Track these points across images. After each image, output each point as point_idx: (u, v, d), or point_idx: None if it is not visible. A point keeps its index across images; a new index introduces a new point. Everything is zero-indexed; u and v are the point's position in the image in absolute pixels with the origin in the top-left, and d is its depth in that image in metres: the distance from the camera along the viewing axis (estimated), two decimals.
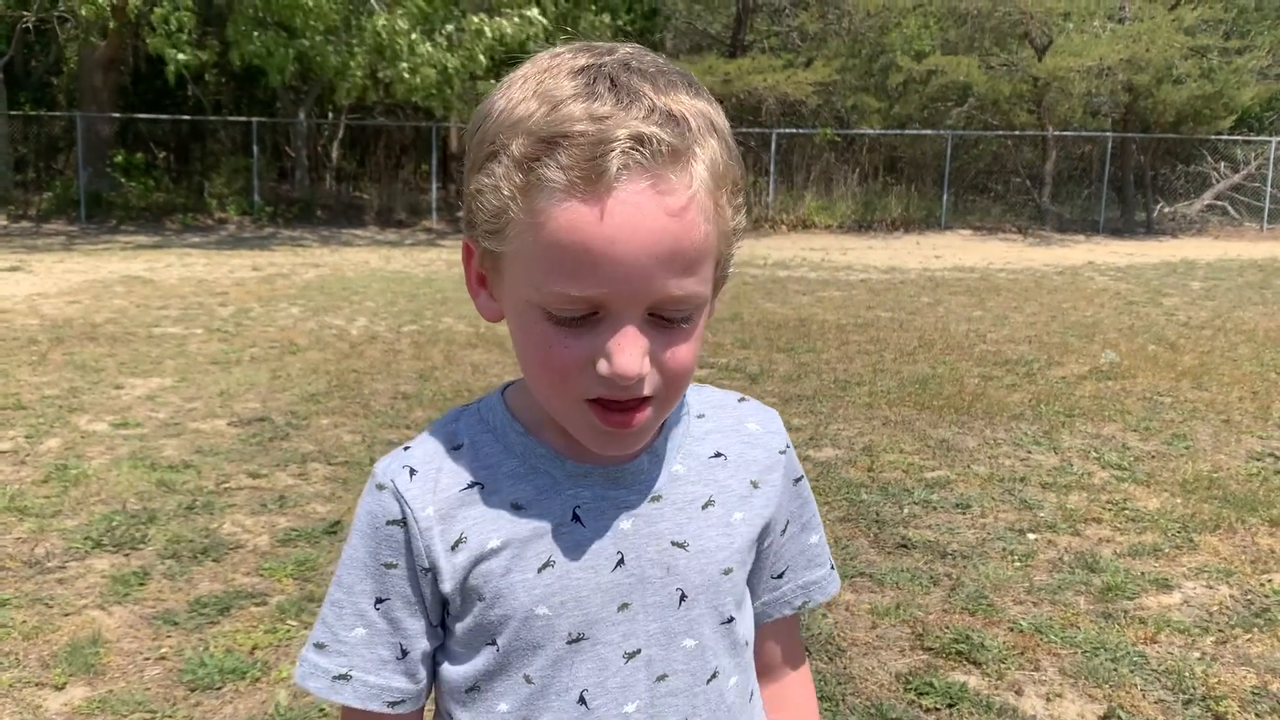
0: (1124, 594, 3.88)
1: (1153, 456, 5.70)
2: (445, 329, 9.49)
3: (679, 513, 0.98)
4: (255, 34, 17.86)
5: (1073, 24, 23.32)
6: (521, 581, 0.93)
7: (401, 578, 0.95)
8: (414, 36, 18.00)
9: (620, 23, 23.16)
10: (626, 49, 0.87)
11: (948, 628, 3.58)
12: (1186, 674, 3.28)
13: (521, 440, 0.97)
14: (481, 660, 0.96)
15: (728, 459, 1.03)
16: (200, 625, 3.56)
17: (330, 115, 24.83)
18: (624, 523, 0.96)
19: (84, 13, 17.14)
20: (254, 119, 22.58)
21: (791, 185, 23.77)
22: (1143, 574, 4.07)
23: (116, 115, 21.79)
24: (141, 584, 3.86)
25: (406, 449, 0.99)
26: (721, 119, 0.87)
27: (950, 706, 3.09)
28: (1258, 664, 3.38)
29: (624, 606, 0.96)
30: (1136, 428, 6.28)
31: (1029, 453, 5.75)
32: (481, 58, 18.87)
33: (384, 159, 25.06)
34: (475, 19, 18.79)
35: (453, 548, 0.94)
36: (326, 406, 6.49)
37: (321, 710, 3.05)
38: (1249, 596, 3.90)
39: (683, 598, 0.98)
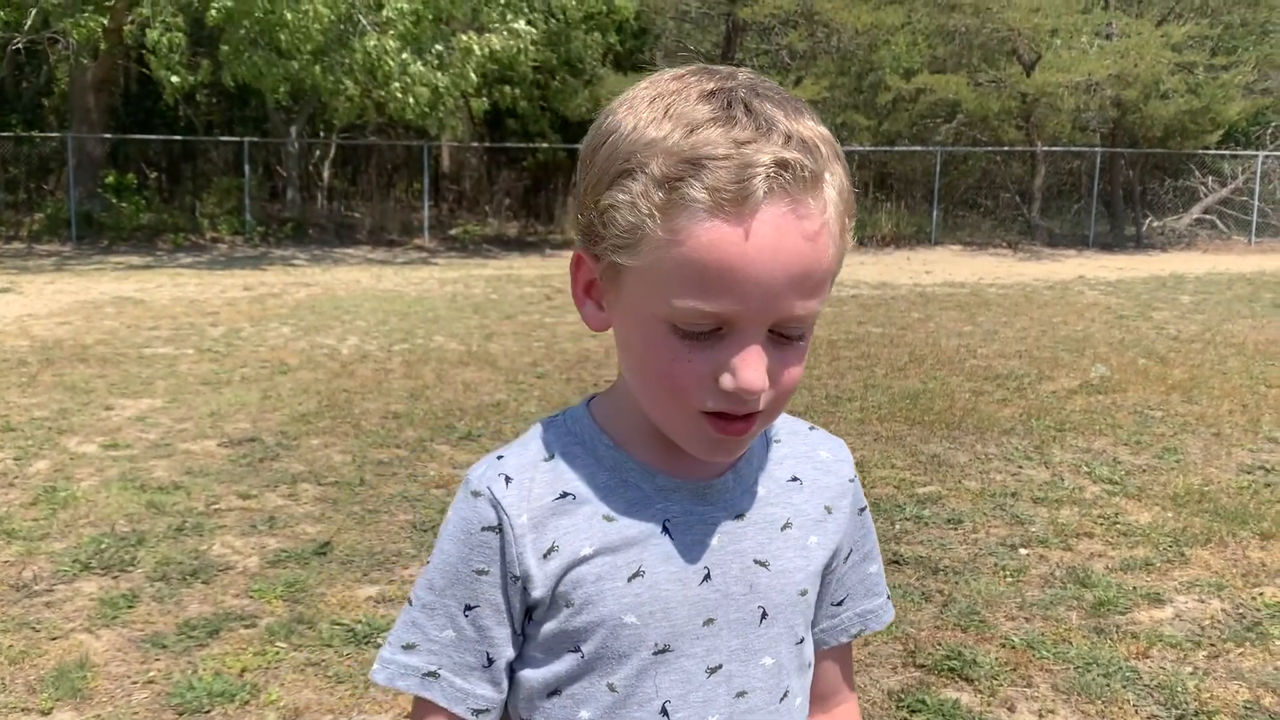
0: (1116, 609, 3.88)
1: (1144, 470, 5.71)
2: (436, 347, 9.49)
3: (761, 532, 1.01)
4: (247, 54, 17.90)
5: (1060, 40, 23.45)
6: (612, 589, 0.95)
7: (493, 585, 0.96)
8: (405, 56, 18.05)
9: (611, 41, 23.25)
10: (746, 73, 0.90)
11: (940, 644, 3.58)
12: (1179, 689, 3.28)
13: (611, 453, 0.99)
14: (562, 666, 0.98)
15: (803, 484, 1.06)
16: (189, 648, 3.54)
17: (322, 134, 24.86)
18: (711, 538, 0.99)
19: (75, 36, 17.16)
20: (245, 139, 22.59)
21: None
22: (1134, 588, 4.07)
23: (108, 136, 21.80)
24: (130, 607, 3.84)
25: (500, 457, 1.00)
26: (839, 145, 0.91)
27: None
28: (1250, 678, 3.37)
29: (709, 621, 0.98)
30: (1127, 441, 6.30)
31: (1020, 467, 5.75)
32: (473, 75, 18.92)
33: (376, 178, 25.10)
34: (464, 37, 18.84)
35: (545, 556, 0.95)
36: (317, 426, 6.47)
37: None
38: (1240, 610, 3.90)
39: (764, 616, 1.01)
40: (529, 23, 19.41)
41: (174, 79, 17.62)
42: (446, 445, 6.10)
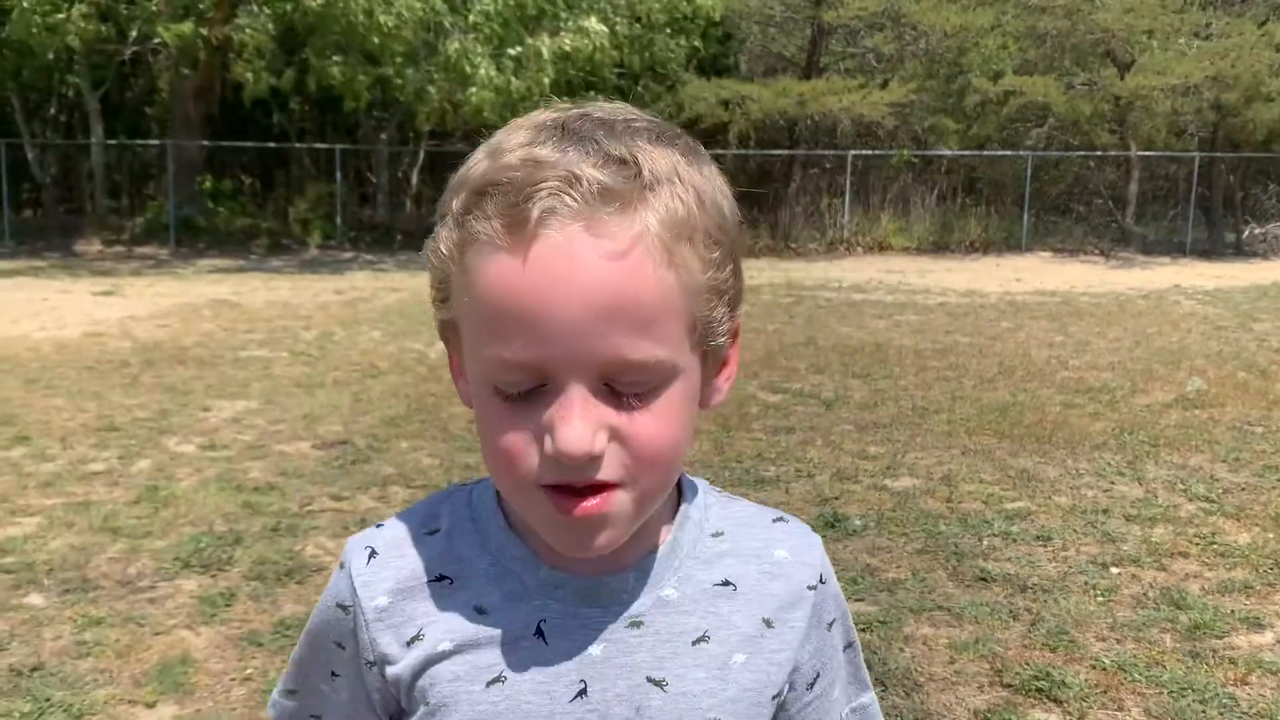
0: (1212, 632, 3.78)
1: (1243, 489, 5.54)
2: None
3: (662, 645, 0.85)
4: (334, 58, 18.31)
5: (1156, 42, 22.84)
6: (467, 694, 0.83)
7: (350, 660, 0.89)
8: (480, 59, 18.17)
9: (696, 45, 23.28)
10: (608, 107, 0.79)
11: (1028, 664, 3.52)
12: (1279, 718, 3.18)
13: (500, 535, 0.87)
14: None
15: (738, 589, 0.88)
16: (284, 647, 3.64)
17: (410, 142, 25.33)
18: (594, 648, 0.84)
19: (166, 37, 17.70)
20: (337, 145, 23.11)
21: (868, 207, 23.59)
22: (1232, 612, 3.96)
23: (205, 143, 22.49)
24: (228, 605, 3.97)
25: (380, 526, 0.92)
26: (695, 170, 0.77)
27: None
28: None
29: None
30: (1225, 458, 6.11)
31: (1112, 484, 5.63)
32: (545, 80, 18.84)
33: None
34: (531, 41, 18.83)
35: (408, 643, 0.85)
36: (406, 430, 6.61)
37: None
38: None
39: None
40: (603, 21, 19.30)
41: (251, 77, 18.11)
42: None
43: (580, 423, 0.73)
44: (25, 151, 22.91)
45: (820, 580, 0.91)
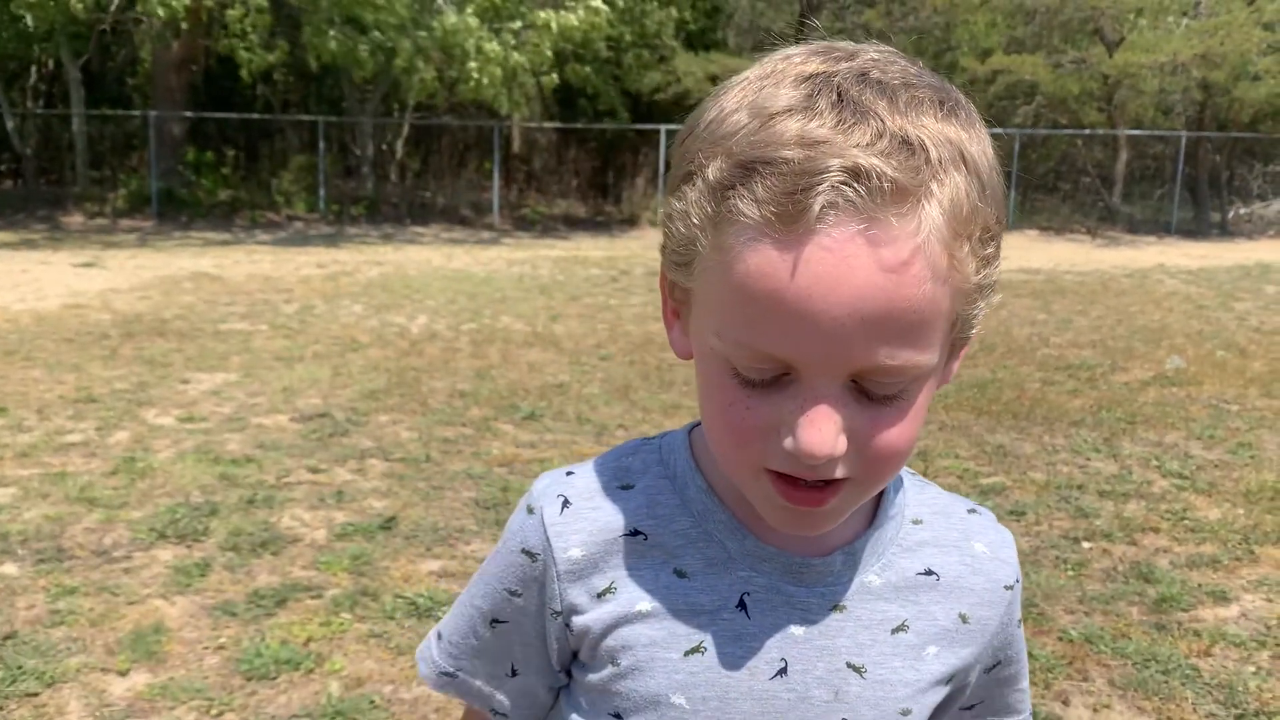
0: (1179, 605, 3.82)
1: (1215, 465, 5.59)
2: (503, 328, 9.60)
3: (863, 630, 0.85)
4: (332, 34, 18.18)
5: (1145, 19, 22.83)
6: (664, 661, 0.83)
7: (524, 611, 0.88)
8: (481, 35, 18.14)
9: (685, 18, 23.17)
10: (872, 54, 0.73)
11: None
12: (1239, 688, 3.23)
13: (701, 498, 0.85)
14: None
15: (940, 580, 0.87)
16: (258, 616, 3.65)
17: (396, 114, 25.17)
18: (796, 627, 0.83)
19: (161, 15, 17.54)
20: (321, 118, 22.95)
21: None
22: (1199, 585, 4.01)
23: (188, 114, 22.30)
24: (203, 575, 3.98)
25: (569, 474, 0.89)
26: (978, 148, 0.71)
27: None
28: None
29: None
30: (1200, 436, 6.16)
31: (1088, 460, 5.67)
32: (548, 53, 18.92)
33: (448, 157, 25.35)
34: (542, 14, 18.86)
35: (599, 595, 0.84)
36: (386, 404, 6.61)
37: (372, 702, 3.12)
38: None
39: None
40: (606, 1, 19.37)
41: (247, 56, 17.98)
42: (510, 425, 6.18)
43: (826, 424, 0.70)
44: (4, 121, 22.69)
45: (1016, 580, 0.92)
